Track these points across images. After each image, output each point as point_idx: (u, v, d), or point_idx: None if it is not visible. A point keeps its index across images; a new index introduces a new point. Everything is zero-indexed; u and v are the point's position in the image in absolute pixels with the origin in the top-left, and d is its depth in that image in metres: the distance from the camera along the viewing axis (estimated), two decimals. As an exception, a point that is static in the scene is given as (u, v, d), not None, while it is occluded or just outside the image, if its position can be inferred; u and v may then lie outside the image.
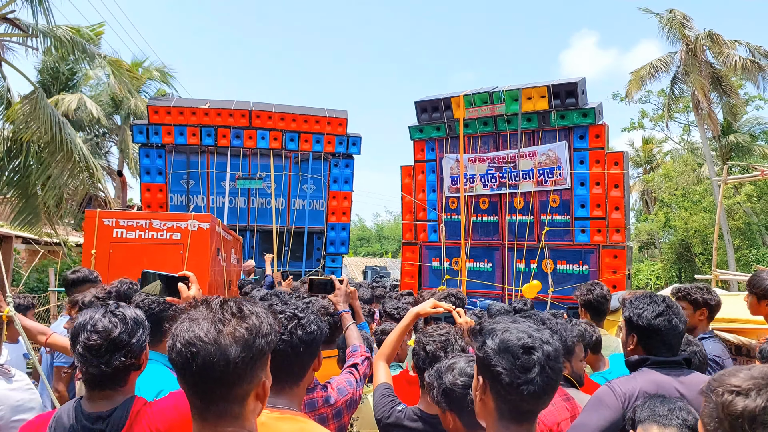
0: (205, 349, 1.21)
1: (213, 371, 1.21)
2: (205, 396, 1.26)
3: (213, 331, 1.23)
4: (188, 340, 1.22)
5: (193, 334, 1.23)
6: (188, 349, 1.22)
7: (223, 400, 1.26)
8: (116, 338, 1.95)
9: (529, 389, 1.47)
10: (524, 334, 1.54)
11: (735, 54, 20.59)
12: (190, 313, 1.29)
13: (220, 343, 1.22)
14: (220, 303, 1.30)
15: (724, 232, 20.88)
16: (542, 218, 9.92)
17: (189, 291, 2.53)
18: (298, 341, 1.91)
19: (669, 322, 2.38)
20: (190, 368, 1.22)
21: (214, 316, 1.26)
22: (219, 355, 1.21)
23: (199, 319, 1.26)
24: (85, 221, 6.32)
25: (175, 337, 1.25)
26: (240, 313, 1.28)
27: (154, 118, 11.52)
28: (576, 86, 9.48)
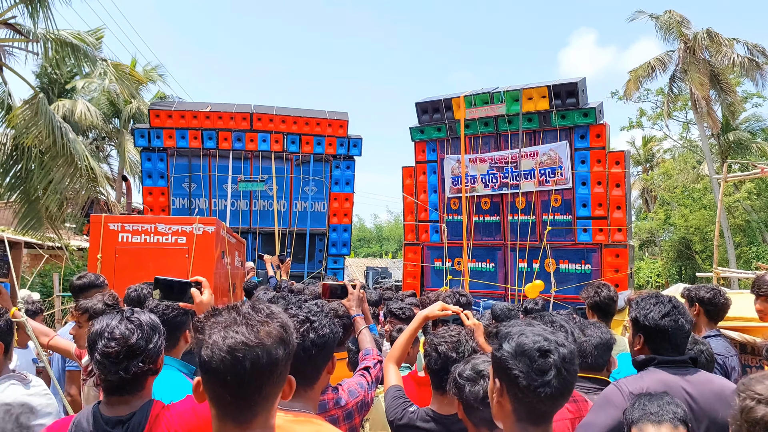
0: (252, 353, 1.22)
1: (261, 373, 1.23)
2: (248, 398, 1.26)
3: (254, 333, 1.25)
4: (231, 347, 1.22)
5: (234, 340, 1.23)
6: (233, 355, 1.22)
7: (264, 400, 1.28)
8: (134, 345, 1.97)
9: (546, 391, 1.50)
10: (540, 337, 1.57)
11: (733, 52, 20.64)
12: (216, 320, 1.29)
13: (265, 344, 1.24)
14: (250, 307, 1.32)
15: (724, 230, 20.92)
16: (544, 218, 9.96)
17: (202, 296, 2.56)
18: (311, 344, 1.93)
19: (675, 323, 2.40)
20: (238, 373, 1.22)
21: (250, 319, 1.27)
22: (266, 357, 1.23)
23: (233, 325, 1.26)
24: (91, 226, 6.34)
25: (212, 345, 1.24)
26: (271, 314, 1.31)
27: (156, 121, 11.56)
28: (576, 86, 9.51)
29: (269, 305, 1.34)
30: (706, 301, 3.66)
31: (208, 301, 2.56)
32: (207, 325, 1.30)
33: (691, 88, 21.25)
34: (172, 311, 2.74)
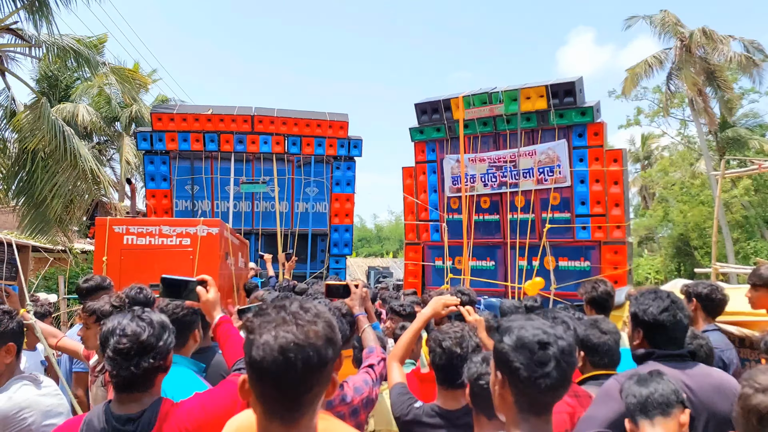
0: (303, 353, 1.23)
1: (312, 373, 1.25)
2: (296, 398, 1.27)
3: (304, 333, 1.25)
4: (283, 347, 1.23)
5: (286, 340, 1.24)
6: (285, 356, 1.22)
7: (310, 400, 1.29)
8: (145, 341, 2.04)
9: (546, 382, 1.58)
10: (539, 330, 1.65)
11: (729, 50, 20.72)
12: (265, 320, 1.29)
13: (315, 344, 1.25)
14: (299, 306, 1.32)
15: (723, 226, 21.00)
16: (543, 216, 10.03)
17: (207, 294, 2.62)
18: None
19: (674, 317, 2.47)
20: (290, 374, 1.23)
21: (299, 319, 1.28)
22: (317, 357, 1.24)
23: (283, 325, 1.27)
24: (96, 228, 6.42)
25: (264, 346, 1.24)
26: (318, 313, 1.31)
27: (158, 125, 11.63)
28: (574, 85, 9.59)
29: (315, 304, 1.34)
30: (703, 297, 3.72)
31: (214, 299, 2.62)
32: (257, 324, 1.30)
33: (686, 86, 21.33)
34: (181, 310, 2.81)
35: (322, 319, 1.30)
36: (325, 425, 1.90)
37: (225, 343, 2.57)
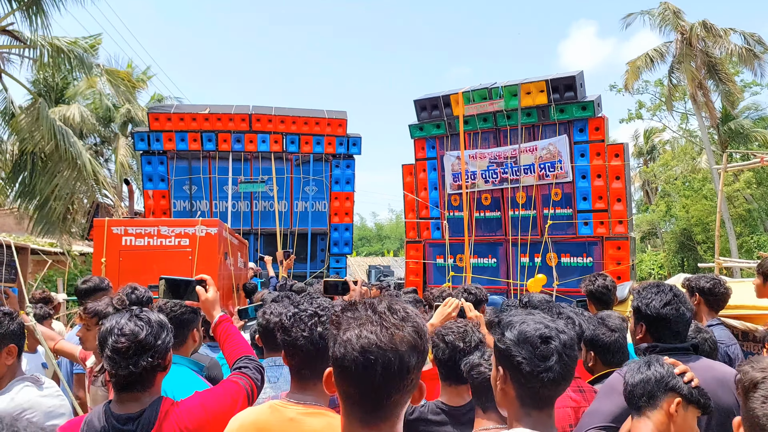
0: (384, 357, 1.18)
1: (392, 379, 1.19)
2: (376, 401, 1.23)
3: (388, 336, 1.20)
4: (364, 347, 1.19)
5: (368, 340, 1.19)
6: (365, 357, 1.18)
7: (393, 405, 1.24)
8: (143, 340, 2.02)
9: (548, 376, 1.55)
10: (541, 324, 1.62)
11: (730, 43, 20.66)
12: (351, 315, 1.26)
13: (398, 349, 1.19)
14: (387, 306, 1.26)
15: (726, 220, 20.94)
16: (545, 212, 9.98)
17: (207, 293, 2.60)
18: (318, 337, 1.97)
19: (677, 311, 2.45)
20: (368, 376, 1.19)
21: (385, 320, 1.22)
22: (398, 363, 1.19)
23: (368, 324, 1.22)
24: (94, 230, 6.39)
25: (346, 343, 1.21)
26: (407, 316, 1.25)
27: (155, 125, 11.59)
28: (574, 80, 9.54)
29: (405, 306, 1.28)
30: (706, 291, 3.69)
31: (213, 299, 2.61)
32: (343, 319, 1.26)
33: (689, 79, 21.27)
34: (180, 309, 2.79)
35: (409, 324, 1.23)
36: (327, 421, 1.87)
37: (225, 341, 2.56)
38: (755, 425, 1.34)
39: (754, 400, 1.36)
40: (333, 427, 1.87)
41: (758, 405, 1.34)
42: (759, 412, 1.33)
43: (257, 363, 2.44)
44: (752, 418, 1.36)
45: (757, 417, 1.34)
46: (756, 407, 1.34)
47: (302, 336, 1.97)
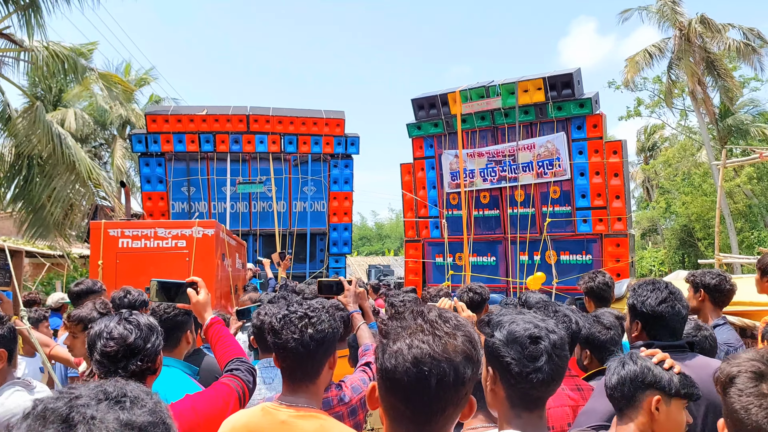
0: (438, 367, 1.13)
1: (446, 391, 1.14)
2: (428, 416, 1.17)
3: (441, 346, 1.15)
4: (417, 358, 1.13)
5: (420, 351, 1.14)
6: (419, 368, 1.13)
7: (444, 420, 1.19)
8: (132, 344, 2.00)
9: (538, 377, 1.52)
10: (530, 324, 1.59)
11: (729, 38, 20.61)
12: (401, 324, 1.20)
13: (453, 360, 1.14)
14: (438, 314, 1.22)
15: (726, 216, 20.91)
16: (543, 210, 9.97)
17: (198, 296, 2.59)
18: (309, 339, 1.95)
19: (672, 308, 2.43)
20: (422, 389, 1.13)
21: (437, 329, 1.17)
22: (453, 374, 1.14)
23: (419, 333, 1.17)
24: (91, 232, 6.37)
25: (397, 354, 1.15)
26: (458, 325, 1.21)
27: (152, 126, 11.58)
28: (572, 77, 9.52)
29: (456, 314, 1.25)
30: (712, 288, 3.58)
31: (204, 301, 2.59)
32: (392, 328, 1.21)
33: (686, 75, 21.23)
34: (172, 311, 2.78)
35: (462, 332, 1.19)
36: (320, 424, 1.86)
37: (216, 344, 2.54)
38: (735, 420, 1.33)
39: (731, 394, 1.35)
40: (325, 429, 1.86)
41: (735, 399, 1.33)
42: (737, 405, 1.33)
43: (248, 365, 2.43)
44: (732, 413, 1.35)
45: (736, 411, 1.33)
46: (734, 401, 1.34)
47: (292, 338, 1.95)
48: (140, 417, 0.83)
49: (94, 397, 0.83)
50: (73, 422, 0.78)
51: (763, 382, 1.31)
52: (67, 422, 0.78)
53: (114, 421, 0.80)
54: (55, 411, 0.79)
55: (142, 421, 0.83)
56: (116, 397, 0.84)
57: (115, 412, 0.82)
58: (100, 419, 0.79)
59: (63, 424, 0.78)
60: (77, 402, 0.81)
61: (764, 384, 1.31)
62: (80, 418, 0.78)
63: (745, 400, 1.31)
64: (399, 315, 1.24)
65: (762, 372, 1.34)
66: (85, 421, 0.78)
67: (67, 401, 0.81)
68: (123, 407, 0.83)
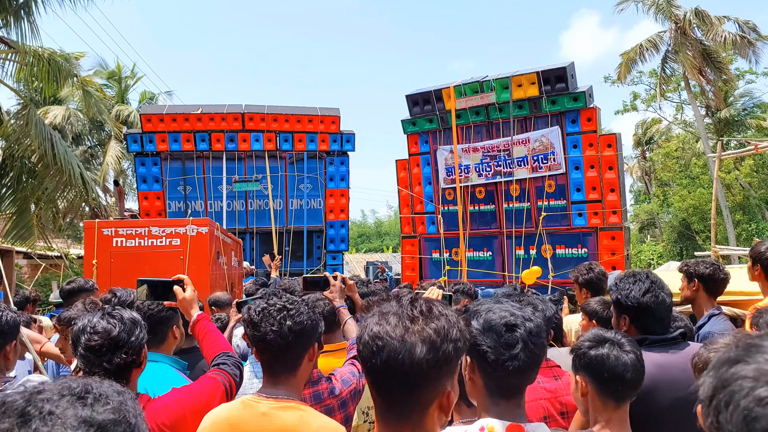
0: (390, 345, 1.17)
1: (396, 369, 1.17)
2: (388, 395, 1.22)
3: (401, 327, 1.18)
4: (376, 334, 1.19)
5: (380, 328, 1.19)
6: (374, 342, 1.19)
7: (404, 404, 1.21)
8: (116, 337, 2.00)
9: (513, 365, 1.52)
10: (506, 312, 1.60)
11: (724, 30, 20.59)
12: (382, 307, 1.26)
13: (406, 340, 1.17)
14: (410, 300, 1.26)
15: (723, 208, 20.92)
16: (539, 204, 9.99)
17: (184, 293, 2.60)
18: (288, 331, 1.95)
19: (657, 297, 2.44)
20: (375, 362, 1.19)
21: (403, 312, 1.22)
22: (404, 353, 1.16)
23: (389, 314, 1.22)
24: (85, 232, 6.38)
25: (364, 328, 1.23)
26: (429, 313, 1.22)
27: (148, 126, 11.58)
28: (565, 71, 9.52)
29: (444, 308, 1.26)
30: (706, 277, 3.54)
31: (191, 298, 2.60)
32: (374, 308, 1.27)
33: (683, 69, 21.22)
34: (157, 307, 2.78)
35: (434, 321, 1.20)
36: (299, 415, 1.87)
37: (203, 339, 2.56)
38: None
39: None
40: (304, 420, 1.87)
41: None
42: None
43: (235, 359, 2.43)
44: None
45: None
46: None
47: (271, 330, 1.95)
48: (101, 414, 0.82)
49: (57, 392, 0.82)
50: (29, 416, 0.77)
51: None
52: (23, 416, 0.77)
53: (72, 417, 0.79)
54: (13, 405, 0.79)
55: (102, 418, 0.81)
56: (78, 393, 0.83)
57: (75, 409, 0.80)
58: (58, 415, 0.78)
59: (19, 419, 0.77)
60: (37, 397, 0.80)
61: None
62: (36, 413, 0.78)
63: None
64: (386, 298, 1.31)
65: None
66: (42, 416, 0.77)
67: (27, 396, 0.80)
68: (84, 404, 0.82)
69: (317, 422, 1.89)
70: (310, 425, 1.86)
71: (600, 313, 3.22)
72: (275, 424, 1.85)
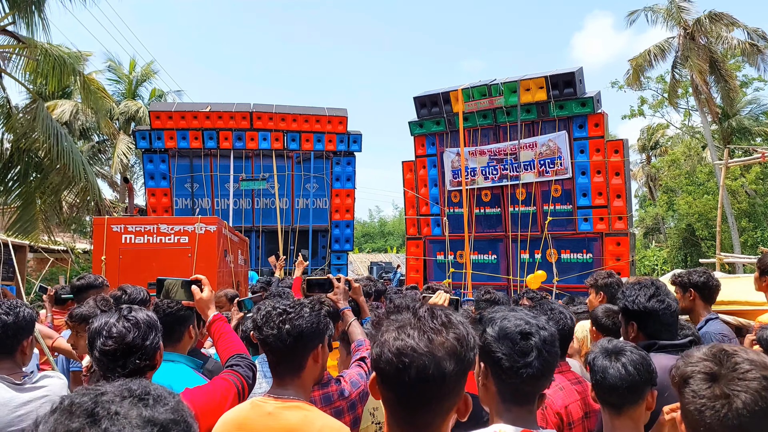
0: (418, 360, 1.16)
1: (426, 383, 1.17)
2: (412, 407, 1.20)
3: (425, 340, 1.18)
4: (400, 349, 1.17)
5: (403, 343, 1.18)
6: (400, 358, 1.16)
7: (430, 413, 1.21)
8: (130, 342, 2.01)
9: (527, 372, 1.56)
10: (521, 321, 1.64)
11: (733, 37, 20.56)
12: (393, 318, 1.24)
13: (434, 354, 1.17)
14: (429, 311, 1.25)
15: (728, 215, 20.89)
16: (545, 208, 10.00)
17: (201, 293, 2.63)
18: (286, 335, 2.00)
19: (662, 302, 2.48)
20: (402, 378, 1.17)
21: (425, 325, 1.21)
22: (433, 367, 1.16)
23: (407, 327, 1.21)
24: (94, 228, 6.43)
25: (383, 344, 1.20)
26: (450, 323, 1.23)
27: (156, 123, 11.65)
28: (573, 76, 9.54)
29: (449, 313, 1.26)
30: (700, 286, 3.61)
31: (208, 298, 2.63)
32: (384, 322, 1.25)
33: (691, 74, 21.17)
34: (176, 305, 2.81)
35: (450, 331, 1.21)
36: (304, 415, 1.91)
37: (219, 339, 2.58)
38: (690, 420, 1.32)
39: (686, 395, 1.34)
40: (308, 420, 1.91)
41: (690, 400, 1.32)
42: (691, 407, 1.32)
43: (249, 361, 2.46)
44: (687, 413, 1.34)
45: (690, 412, 1.32)
46: (688, 402, 1.32)
47: (271, 334, 2.01)
48: (162, 414, 0.86)
49: (118, 394, 0.87)
50: (98, 417, 0.82)
51: (716, 383, 1.29)
52: (92, 416, 0.82)
53: (137, 417, 0.83)
54: (81, 405, 0.83)
55: (164, 418, 0.85)
56: (140, 395, 0.88)
57: (138, 409, 0.85)
58: (124, 415, 0.83)
59: (88, 418, 0.82)
60: (102, 398, 0.85)
61: (716, 385, 1.29)
62: (105, 413, 0.82)
63: (699, 402, 1.30)
64: (395, 310, 1.27)
65: (714, 373, 1.33)
66: (110, 416, 0.82)
67: (93, 397, 0.85)
68: (146, 404, 0.86)
69: (320, 422, 1.93)
70: (314, 425, 1.90)
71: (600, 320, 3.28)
72: (280, 424, 1.89)
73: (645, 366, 2.02)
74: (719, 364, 1.32)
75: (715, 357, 1.33)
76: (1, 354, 2.42)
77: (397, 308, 1.28)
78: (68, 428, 0.80)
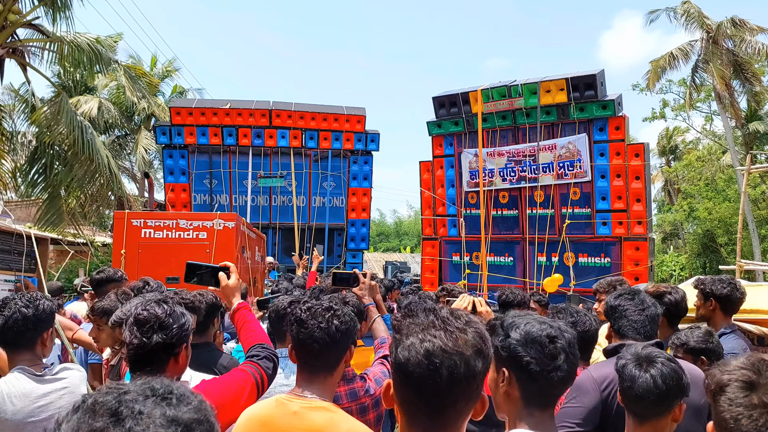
0: (449, 360, 1.17)
1: (457, 383, 1.18)
2: (440, 408, 1.20)
3: (452, 340, 1.19)
4: (430, 351, 1.17)
5: (431, 345, 1.18)
6: (430, 360, 1.17)
7: (455, 413, 1.22)
8: (161, 318, 2.06)
9: (558, 375, 1.57)
10: (545, 325, 1.64)
11: (757, 42, 20.25)
12: (413, 321, 1.25)
13: (463, 353, 1.18)
14: (449, 311, 1.27)
15: (749, 222, 20.57)
16: (563, 211, 9.92)
17: (228, 280, 2.65)
18: (335, 330, 2.02)
19: (630, 302, 2.59)
20: (433, 380, 1.17)
21: (450, 325, 1.22)
22: (464, 366, 1.18)
23: (431, 328, 1.21)
24: (115, 222, 6.50)
25: (410, 348, 1.20)
26: (469, 321, 1.25)
27: (177, 119, 11.76)
28: (595, 78, 9.45)
29: (466, 312, 1.29)
30: (723, 298, 3.48)
31: (234, 285, 2.65)
32: (404, 324, 1.26)
33: (712, 79, 20.89)
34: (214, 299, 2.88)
35: (472, 328, 1.23)
36: (330, 416, 1.91)
37: (242, 328, 2.58)
38: (725, 428, 1.33)
39: (721, 403, 1.34)
40: (334, 422, 1.90)
41: (726, 408, 1.32)
42: (727, 415, 1.31)
43: (270, 351, 2.43)
44: (721, 422, 1.34)
45: (725, 420, 1.32)
46: (724, 410, 1.32)
47: (319, 327, 2.01)
48: (186, 414, 0.86)
49: (141, 393, 0.87)
50: (122, 416, 0.82)
51: (754, 392, 1.29)
52: (115, 416, 0.82)
53: (161, 416, 0.83)
54: (105, 404, 0.83)
55: (187, 417, 0.85)
56: (162, 394, 0.88)
57: (161, 408, 0.85)
58: (147, 414, 0.83)
59: (111, 418, 0.82)
60: (126, 397, 0.85)
61: (755, 394, 1.29)
62: (129, 413, 0.82)
63: (735, 411, 1.30)
64: (412, 312, 1.29)
65: (752, 381, 1.33)
66: (133, 416, 0.82)
67: (116, 396, 0.85)
68: (169, 403, 0.86)
69: (346, 425, 1.92)
70: (339, 427, 1.89)
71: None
72: (305, 424, 1.89)
73: (676, 379, 2.00)
74: (757, 373, 1.31)
75: (753, 366, 1.33)
76: (22, 346, 2.45)
77: (414, 311, 1.32)
78: (92, 427, 0.80)
